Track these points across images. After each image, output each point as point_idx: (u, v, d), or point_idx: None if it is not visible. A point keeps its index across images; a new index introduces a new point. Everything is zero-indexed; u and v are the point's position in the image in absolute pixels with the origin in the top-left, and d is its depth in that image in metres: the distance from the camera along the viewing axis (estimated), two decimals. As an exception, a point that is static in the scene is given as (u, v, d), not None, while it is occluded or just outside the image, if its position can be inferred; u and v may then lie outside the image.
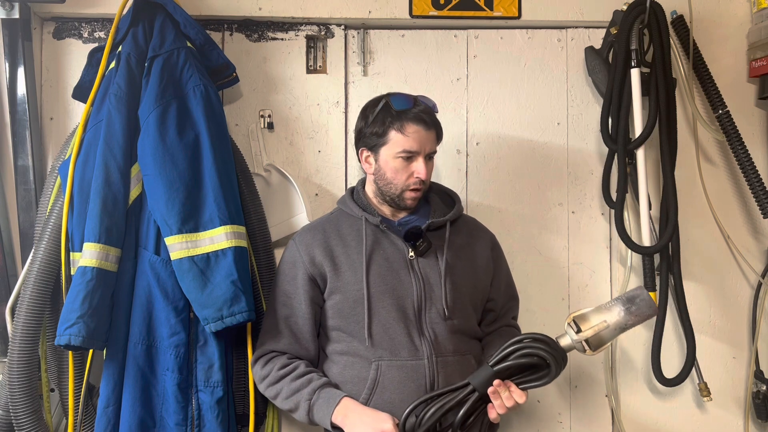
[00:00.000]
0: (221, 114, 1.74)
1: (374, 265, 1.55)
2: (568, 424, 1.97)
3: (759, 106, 2.03)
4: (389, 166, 1.55)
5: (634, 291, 1.43)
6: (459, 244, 1.62)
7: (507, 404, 1.38)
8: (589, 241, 2.00)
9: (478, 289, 1.62)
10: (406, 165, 1.54)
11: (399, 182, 1.55)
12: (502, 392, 1.38)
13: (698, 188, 1.98)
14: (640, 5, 1.81)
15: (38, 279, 1.65)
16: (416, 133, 1.52)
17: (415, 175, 1.54)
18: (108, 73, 1.71)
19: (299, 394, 1.49)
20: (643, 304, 1.40)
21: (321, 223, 1.67)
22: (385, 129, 1.54)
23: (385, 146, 1.54)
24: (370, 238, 1.57)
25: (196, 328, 1.64)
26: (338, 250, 1.58)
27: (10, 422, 1.67)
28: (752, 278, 2.01)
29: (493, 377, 1.38)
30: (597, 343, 1.40)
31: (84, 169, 1.64)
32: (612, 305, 1.42)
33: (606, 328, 1.39)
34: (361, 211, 1.60)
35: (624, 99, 1.84)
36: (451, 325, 1.53)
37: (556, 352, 1.37)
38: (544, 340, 1.38)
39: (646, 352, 1.95)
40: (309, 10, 1.96)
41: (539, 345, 1.37)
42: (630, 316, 1.40)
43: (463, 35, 2.02)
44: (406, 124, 1.52)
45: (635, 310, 1.40)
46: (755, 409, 1.96)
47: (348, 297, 1.54)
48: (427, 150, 1.55)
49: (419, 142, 1.53)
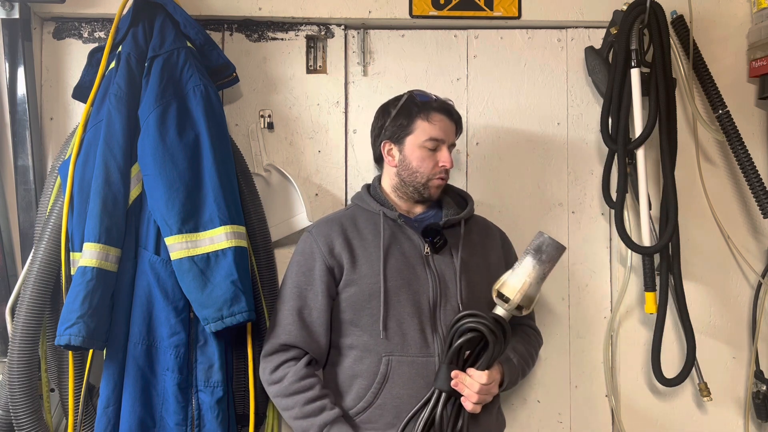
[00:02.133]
0: (221, 114, 1.74)
1: (391, 259, 1.56)
2: (568, 424, 1.97)
3: (759, 106, 2.03)
4: (415, 155, 1.59)
5: (536, 239, 1.46)
6: (473, 242, 1.65)
7: (473, 390, 1.40)
8: (589, 241, 2.00)
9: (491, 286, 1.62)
10: (432, 154, 1.59)
11: (425, 170, 1.60)
12: (464, 380, 1.41)
13: (698, 188, 1.98)
14: (640, 5, 1.81)
15: (38, 279, 1.65)
16: (441, 122, 1.60)
17: (440, 163, 1.60)
18: (108, 73, 1.71)
19: (309, 421, 1.48)
20: (551, 248, 1.44)
21: (337, 217, 1.67)
22: (411, 119, 1.60)
23: (410, 135, 1.60)
24: (387, 232, 1.59)
25: (196, 328, 1.64)
26: (356, 243, 1.59)
27: (10, 422, 1.67)
28: (752, 278, 2.01)
29: (448, 370, 1.41)
30: (528, 302, 1.44)
31: (84, 169, 1.64)
32: (524, 262, 1.45)
33: (529, 286, 1.43)
34: (379, 206, 1.63)
35: (624, 99, 1.84)
36: None
37: (491, 322, 1.39)
38: (474, 314, 1.40)
39: (646, 352, 1.95)
40: (309, 10, 1.96)
41: (472, 319, 1.40)
42: (544, 264, 1.44)
43: (463, 35, 2.02)
44: (432, 113, 1.59)
45: (546, 257, 1.44)
46: (755, 409, 1.96)
47: (363, 290, 1.54)
48: (450, 140, 1.62)
49: (444, 131, 1.60)
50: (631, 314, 1.98)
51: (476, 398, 1.41)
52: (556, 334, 1.98)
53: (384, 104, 1.70)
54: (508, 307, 1.43)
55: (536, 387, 1.96)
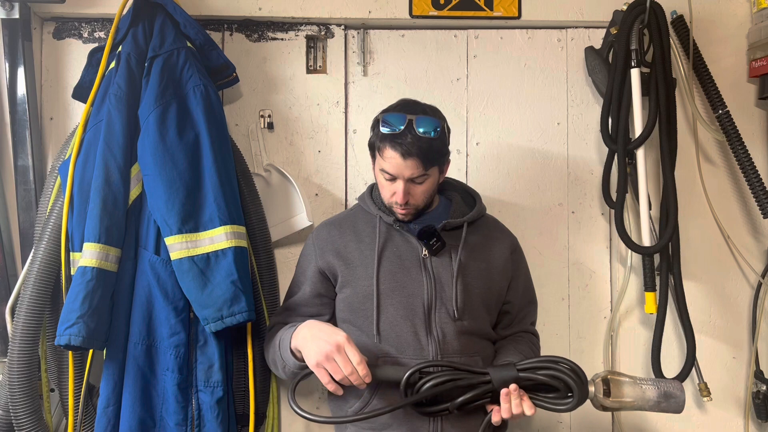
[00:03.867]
0: (221, 114, 1.74)
1: (385, 261, 1.56)
2: (568, 424, 1.97)
3: (759, 106, 2.03)
4: (379, 179, 1.57)
5: (674, 388, 1.41)
6: (475, 245, 1.61)
7: (515, 411, 1.37)
8: (589, 241, 2.00)
9: (492, 291, 1.60)
10: (389, 183, 1.53)
11: (385, 196, 1.58)
12: (514, 398, 1.37)
13: (698, 188, 1.98)
14: (640, 5, 1.81)
15: (38, 279, 1.65)
16: (392, 159, 1.48)
17: (391, 196, 1.54)
18: (108, 73, 1.71)
19: (273, 346, 1.53)
20: (675, 405, 1.39)
21: (339, 219, 1.69)
22: (371, 145, 1.55)
23: (375, 160, 1.56)
24: (384, 235, 1.59)
25: (196, 328, 1.64)
26: (352, 246, 1.60)
27: (10, 422, 1.67)
28: (752, 278, 2.01)
29: (513, 380, 1.38)
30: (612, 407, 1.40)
31: (84, 169, 1.64)
32: (648, 388, 1.40)
33: (629, 405, 1.40)
34: (377, 209, 1.62)
35: (624, 99, 1.84)
36: (460, 325, 1.53)
37: (582, 390, 1.36)
38: (579, 374, 1.37)
39: (646, 352, 1.95)
40: (309, 10, 1.96)
41: (574, 376, 1.36)
42: (655, 406, 1.40)
43: (463, 35, 2.02)
44: (384, 149, 1.49)
45: (664, 405, 1.39)
46: (755, 409, 1.96)
47: (358, 292, 1.55)
48: (406, 176, 1.49)
49: (396, 168, 1.49)
50: (631, 314, 1.98)
51: (508, 417, 1.38)
52: (556, 335, 1.98)
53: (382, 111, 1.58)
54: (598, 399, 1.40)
55: (536, 387, 1.96)
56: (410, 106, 1.53)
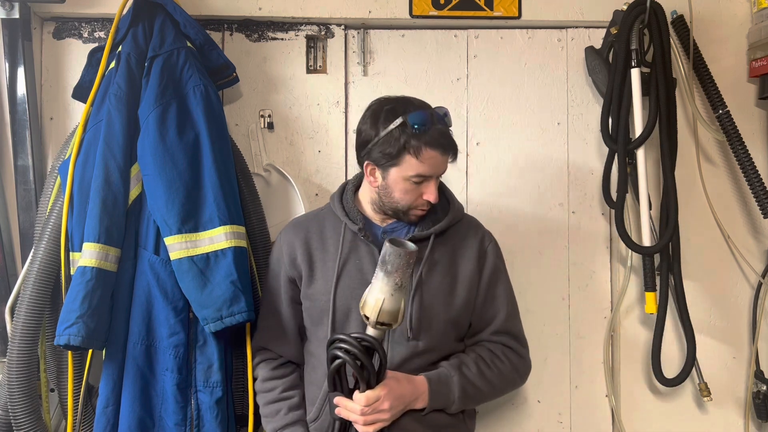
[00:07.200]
0: (221, 114, 1.74)
1: (345, 277, 1.52)
2: (568, 424, 1.97)
3: (759, 106, 2.03)
4: (399, 186, 1.46)
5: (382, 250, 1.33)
6: (438, 258, 1.53)
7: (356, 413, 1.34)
8: (589, 241, 2.00)
9: (453, 307, 1.52)
10: (416, 187, 1.46)
11: (407, 202, 1.48)
12: (346, 405, 1.36)
13: (698, 188, 1.98)
14: (641, 5, 1.81)
15: (38, 279, 1.65)
16: (432, 159, 1.42)
17: (424, 198, 1.48)
18: (108, 73, 1.71)
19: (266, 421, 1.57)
20: (392, 256, 1.31)
21: (307, 219, 1.65)
22: (399, 151, 1.42)
23: (396, 167, 1.44)
24: (348, 245, 1.54)
25: (195, 328, 1.64)
26: (317, 255, 1.57)
27: (9, 422, 1.67)
28: (752, 278, 2.00)
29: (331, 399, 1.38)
30: (390, 317, 1.33)
31: (84, 169, 1.64)
32: (376, 277, 1.34)
33: (384, 301, 1.32)
34: (344, 215, 1.56)
35: (624, 99, 1.84)
36: (414, 345, 1.47)
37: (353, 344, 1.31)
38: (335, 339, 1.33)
39: (646, 352, 1.95)
40: (309, 10, 1.96)
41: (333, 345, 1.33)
42: (392, 274, 1.32)
43: (463, 35, 2.02)
44: (424, 149, 1.41)
45: (391, 267, 1.31)
46: (755, 409, 1.96)
47: (316, 306, 1.54)
48: (440, 173, 1.48)
49: (434, 168, 1.44)
50: (631, 314, 1.98)
51: (362, 420, 1.35)
52: (556, 334, 1.98)
53: (374, 111, 1.48)
54: (371, 327, 1.35)
55: (536, 387, 1.95)
56: (414, 101, 1.49)
